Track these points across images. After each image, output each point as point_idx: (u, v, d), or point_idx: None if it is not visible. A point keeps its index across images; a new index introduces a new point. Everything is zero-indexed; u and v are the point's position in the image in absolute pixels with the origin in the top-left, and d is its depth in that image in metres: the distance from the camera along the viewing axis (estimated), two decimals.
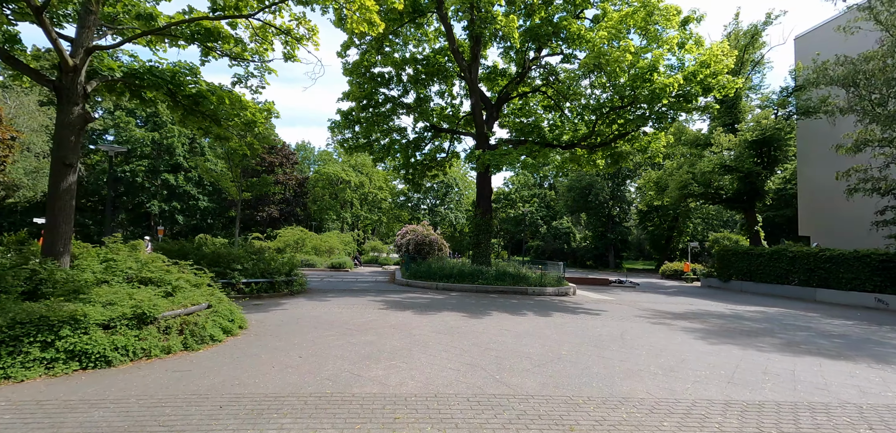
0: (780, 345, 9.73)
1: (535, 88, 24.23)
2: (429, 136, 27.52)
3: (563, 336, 9.29)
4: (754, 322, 13.27)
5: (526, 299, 16.11)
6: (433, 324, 9.96)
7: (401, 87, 24.11)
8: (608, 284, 26.76)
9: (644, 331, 10.39)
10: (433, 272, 19.24)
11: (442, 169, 29.06)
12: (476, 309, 12.83)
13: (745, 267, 26.34)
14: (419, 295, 15.97)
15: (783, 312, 16.30)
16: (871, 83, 16.84)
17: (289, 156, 50.09)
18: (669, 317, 13.20)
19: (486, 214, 22.49)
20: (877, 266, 19.67)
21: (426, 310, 11.99)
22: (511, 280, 18.55)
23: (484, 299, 15.40)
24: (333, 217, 48.26)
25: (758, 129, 27.12)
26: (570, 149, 20.97)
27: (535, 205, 55.78)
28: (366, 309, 11.86)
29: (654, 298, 19.34)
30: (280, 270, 14.35)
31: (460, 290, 17.72)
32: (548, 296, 17.51)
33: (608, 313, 13.42)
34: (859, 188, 19.27)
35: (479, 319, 10.94)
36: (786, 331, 11.65)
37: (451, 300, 14.68)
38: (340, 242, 34.74)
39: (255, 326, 9.00)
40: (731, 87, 16.69)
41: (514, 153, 18.38)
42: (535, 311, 12.92)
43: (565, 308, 14.20)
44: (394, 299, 14.33)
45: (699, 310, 15.50)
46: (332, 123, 23.65)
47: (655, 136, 21.05)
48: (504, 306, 13.77)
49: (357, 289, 17.02)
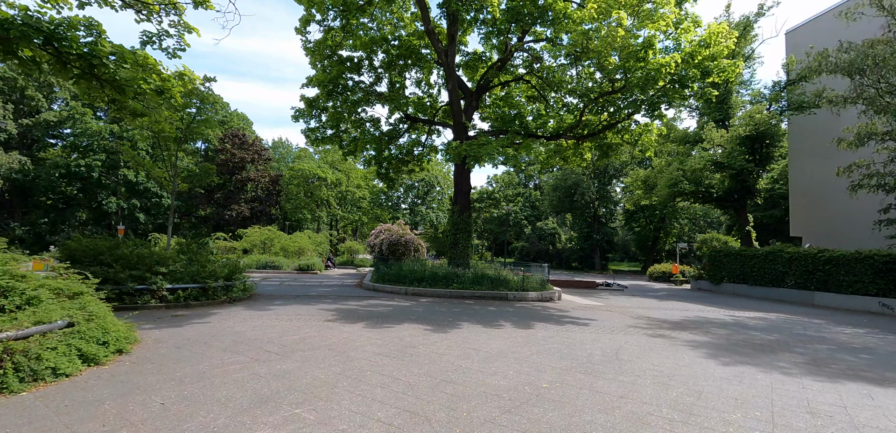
0: (805, 364, 8.02)
1: (519, 77, 22.43)
2: (404, 127, 25.55)
3: (545, 358, 7.40)
4: (762, 332, 11.62)
5: (505, 306, 14.24)
6: (383, 341, 7.98)
7: (373, 73, 22.09)
8: (595, 287, 25.11)
9: (643, 349, 8.57)
10: (403, 275, 17.25)
11: (419, 164, 27.08)
12: (444, 319, 10.89)
13: (737, 269, 24.96)
14: (383, 301, 13.97)
15: (786, 319, 14.78)
16: (880, 69, 15.44)
17: (261, 152, 47.54)
18: (668, 328, 11.46)
19: (465, 212, 20.61)
20: (880, 268, 18.34)
21: (382, 323, 10.00)
22: (490, 284, 16.67)
23: (457, 306, 13.47)
24: (308, 216, 45.83)
25: (751, 124, 25.82)
26: (555, 139, 19.22)
27: (520, 204, 54.18)
28: (308, 321, 9.81)
29: (645, 303, 17.68)
30: (216, 274, 12.20)
31: (432, 296, 15.77)
32: (530, 303, 15.68)
33: (598, 323, 11.62)
34: (863, 184, 17.93)
35: (443, 334, 8.99)
36: (802, 345, 9.99)
37: (417, 308, 12.71)
38: (312, 243, 32.49)
39: (144, 348, 6.91)
40: (732, 72, 15.12)
41: (494, 144, 16.53)
42: (514, 322, 11.03)
43: (549, 316, 12.36)
44: (349, 307, 12.30)
45: (697, 318, 13.83)
46: (296, 111, 21.50)
47: (647, 128, 19.46)
48: (478, 315, 11.86)
49: (313, 295, 14.93)
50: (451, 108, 20.41)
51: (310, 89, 20.87)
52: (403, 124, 25.12)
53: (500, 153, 16.31)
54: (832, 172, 27.49)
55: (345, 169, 49.60)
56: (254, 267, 26.69)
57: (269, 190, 47.17)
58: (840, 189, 27.06)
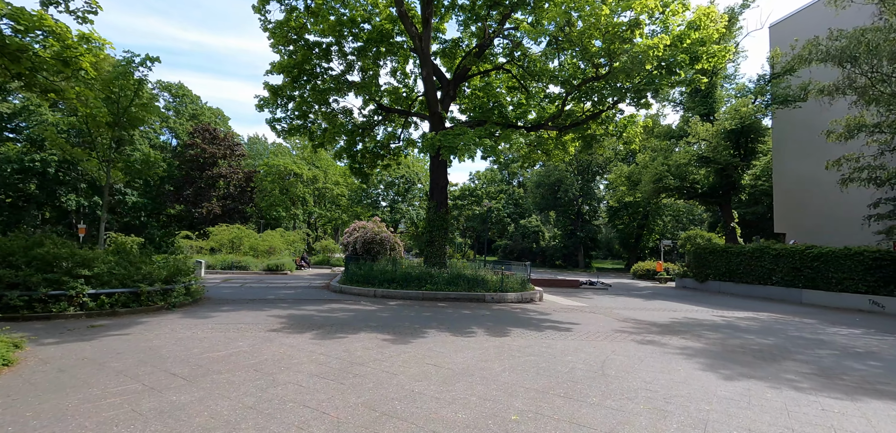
0: (814, 375, 7.02)
1: (499, 66, 21.28)
2: (379, 119, 24.19)
3: (518, 376, 6.22)
4: (756, 335, 10.69)
5: (481, 309, 13.06)
6: (327, 358, 6.70)
7: (343, 61, 20.66)
8: (578, 286, 24.17)
9: (632, 360, 7.47)
10: (372, 276, 15.94)
11: (395, 158, 25.79)
12: (410, 326, 9.65)
13: (723, 266, 24.29)
14: (347, 305, 12.64)
15: (778, 319, 13.96)
16: (873, 56, 14.72)
17: (233, 147, 45.49)
18: (657, 332, 10.42)
19: (441, 208, 19.39)
20: (870, 265, 17.74)
21: (335, 332, 8.70)
22: (466, 285, 15.48)
23: (428, 310, 12.24)
24: (284, 214, 43.98)
25: (736, 118, 25.18)
26: (536, 130, 18.13)
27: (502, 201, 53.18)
28: (247, 332, 8.45)
29: (630, 303, 16.72)
30: (152, 277, 10.71)
31: (402, 299, 14.50)
32: (509, 305, 14.54)
33: (581, 328, 10.51)
34: (854, 178, 17.27)
35: (403, 345, 7.75)
36: (803, 350, 9.05)
37: (382, 313, 11.43)
38: (284, 242, 30.85)
39: (17, 371, 5.49)
40: (722, 58, 14.22)
41: (470, 134, 15.34)
42: (489, 328, 9.85)
43: (528, 321, 11.22)
44: (305, 313, 10.95)
45: (687, 320, 12.88)
46: (260, 100, 19.94)
47: (632, 119, 18.52)
48: (450, 321, 10.64)
49: (270, 299, 13.51)
50: (426, 97, 19.15)
51: (274, 76, 19.38)
52: (378, 116, 23.77)
53: (477, 144, 15.13)
54: (817, 168, 27.10)
55: (323, 165, 47.85)
56: (219, 267, 25.02)
57: (243, 187, 45.16)
58: (825, 185, 26.66)
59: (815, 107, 26.39)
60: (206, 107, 54.32)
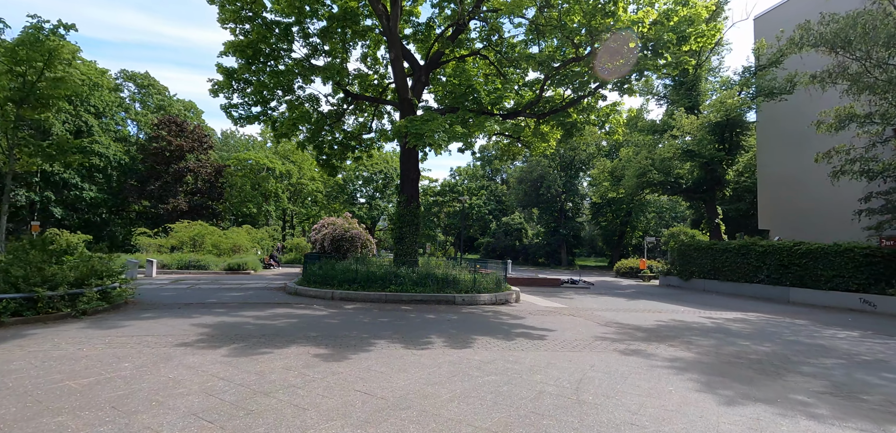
0: (828, 394, 5.86)
1: (475, 52, 19.91)
2: (349, 108, 22.65)
3: (469, 406, 4.87)
4: (751, 341, 9.58)
5: (449, 312, 11.71)
6: (226, 385, 5.25)
7: (308, 44, 19.08)
8: (559, 285, 23.03)
9: (613, 378, 6.19)
10: (332, 276, 14.45)
11: (368, 150, 24.27)
12: (357, 336, 8.24)
13: (708, 264, 23.43)
14: (295, 310, 11.15)
15: (768, 320, 12.98)
16: (869, 40, 13.80)
17: (202, 139, 43.23)
18: (642, 339, 9.21)
19: (412, 202, 17.98)
20: (860, 261, 16.95)
21: (259, 347, 7.23)
22: (435, 285, 14.11)
23: (387, 315, 10.83)
24: (255, 211, 41.96)
25: (721, 110, 24.33)
26: (513, 117, 16.85)
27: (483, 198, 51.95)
28: (149, 347, 6.93)
29: (613, 304, 15.59)
30: (55, 280, 9.06)
31: (362, 301, 13.06)
32: (481, 307, 13.23)
33: (557, 335, 9.23)
34: (846, 170, 16.43)
35: (336, 364, 6.34)
36: (805, 359, 7.94)
37: (331, 320, 9.98)
38: (250, 239, 29.06)
39: None
40: (711, 38, 13.12)
41: (440, 120, 13.96)
42: (450, 337, 8.49)
43: (498, 327, 9.90)
44: (238, 321, 9.44)
45: (674, 323, 11.74)
46: (214, 84, 18.20)
47: (615, 107, 17.37)
48: (407, 328, 9.26)
49: (210, 303, 11.93)
50: (395, 82, 17.70)
51: (228, 58, 17.66)
52: (347, 104, 22.24)
53: (448, 131, 13.76)
54: (802, 164, 26.48)
55: (298, 160, 45.90)
56: (175, 267, 23.16)
57: (212, 182, 42.96)
58: (810, 180, 26.05)
59: (801, 101, 25.76)
60: (176, 99, 51.80)
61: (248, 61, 17.03)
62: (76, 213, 40.57)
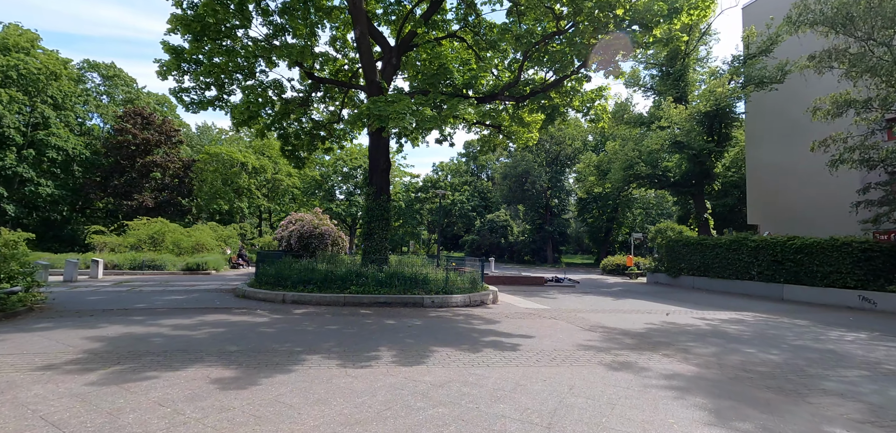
0: (869, 423, 4.58)
1: (451, 34, 18.46)
2: (317, 95, 21.05)
3: None
4: (754, 347, 8.33)
5: (413, 317, 10.25)
6: (58, 428, 3.71)
7: (268, 22, 17.42)
8: (543, 284, 21.74)
9: (599, 405, 4.80)
10: (286, 277, 12.86)
11: (338, 141, 22.68)
12: (287, 350, 6.73)
13: (697, 260, 22.38)
14: (229, 317, 9.58)
15: (766, 320, 11.81)
16: (874, 18, 12.70)
17: (170, 133, 40.98)
18: (631, 346, 7.87)
19: (381, 194, 16.49)
20: (859, 257, 15.95)
21: (147, 369, 5.68)
22: (402, 286, 12.63)
23: (337, 322, 9.33)
24: (225, 207, 39.90)
25: (711, 100, 23.28)
26: (489, 100, 15.45)
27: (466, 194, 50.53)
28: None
29: (599, 304, 14.30)
30: None
31: (316, 305, 11.52)
32: (452, 309, 11.80)
33: (533, 344, 7.84)
34: (845, 159, 15.39)
35: (242, 391, 4.83)
36: (824, 372, 6.69)
37: (266, 328, 8.45)
38: (216, 237, 27.19)
39: None
40: (705, 10, 11.85)
41: (407, 101, 12.46)
42: (404, 350, 7.03)
43: (466, 335, 8.47)
44: (150, 332, 7.85)
45: (665, 326, 10.46)
46: (161, 65, 16.40)
47: (601, 92, 16.08)
48: (355, 338, 7.78)
49: (135, 309, 10.28)
50: (361, 62, 16.16)
51: (175, 36, 15.89)
52: (316, 90, 20.65)
53: (415, 114, 12.28)
54: (792, 157, 25.62)
55: (274, 155, 43.85)
56: (127, 267, 21.28)
57: (181, 177, 40.76)
58: (800, 174, 25.19)
59: (791, 92, 24.88)
60: (145, 92, 49.28)
61: (196, 38, 15.28)
62: (36, 212, 38.05)
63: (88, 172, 39.76)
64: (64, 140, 37.37)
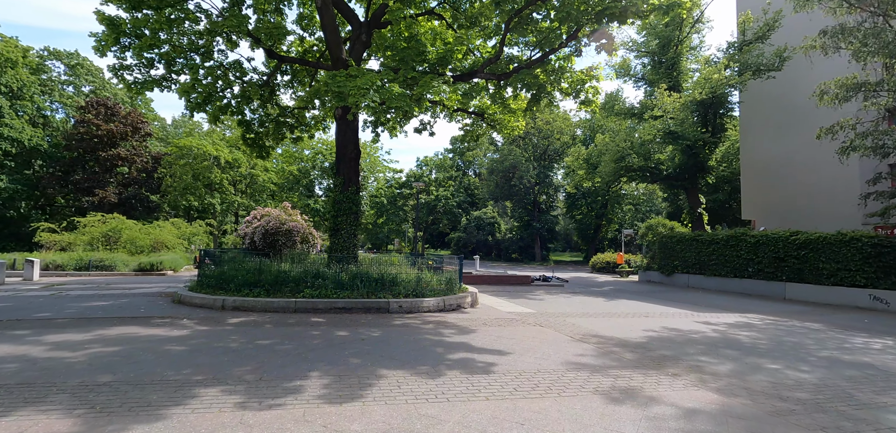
0: None
1: (428, 11, 16.80)
2: (283, 78, 19.30)
3: None
4: (780, 361, 6.87)
5: (373, 325, 8.61)
6: None
7: None
8: (529, 283, 20.25)
9: None
10: (230, 278, 11.11)
11: (308, 130, 20.95)
12: (187, 379, 5.05)
13: (693, 257, 21.08)
14: (139, 330, 7.84)
15: (776, 324, 10.38)
16: None
17: (137, 125, 38.65)
18: (632, 365, 6.33)
19: (349, 185, 14.81)
20: (869, 253, 14.69)
21: None
22: (365, 288, 10.98)
23: (279, 332, 7.65)
24: (195, 203, 37.72)
25: (706, 87, 21.99)
26: (468, 79, 13.84)
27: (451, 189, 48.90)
28: None
29: (589, 306, 12.82)
30: None
31: (261, 311, 9.81)
32: (422, 315, 10.18)
33: (511, 363, 6.26)
34: (857, 146, 14.11)
35: None
36: (877, 399, 5.22)
37: (174, 348, 6.75)
38: (178, 235, 25.19)
39: None
40: None
41: (371, 76, 10.79)
42: (340, 375, 5.38)
43: (430, 351, 6.86)
44: (21, 352, 6.10)
45: (668, 333, 8.98)
46: (97, 39, 14.45)
47: (591, 73, 14.59)
48: (286, 359, 6.11)
49: (35, 319, 8.47)
50: (325, 37, 14.45)
51: (111, 7, 13.96)
52: (282, 74, 18.92)
53: (379, 90, 10.61)
54: (789, 148, 24.49)
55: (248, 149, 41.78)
56: (71, 268, 19.27)
57: (150, 171, 38.47)
58: (798, 166, 24.07)
59: (788, 82, 23.72)
60: (112, 83, 46.67)
61: (133, 6, 13.38)
62: None
63: (50, 166, 37.29)
64: (19, 131, 34.87)
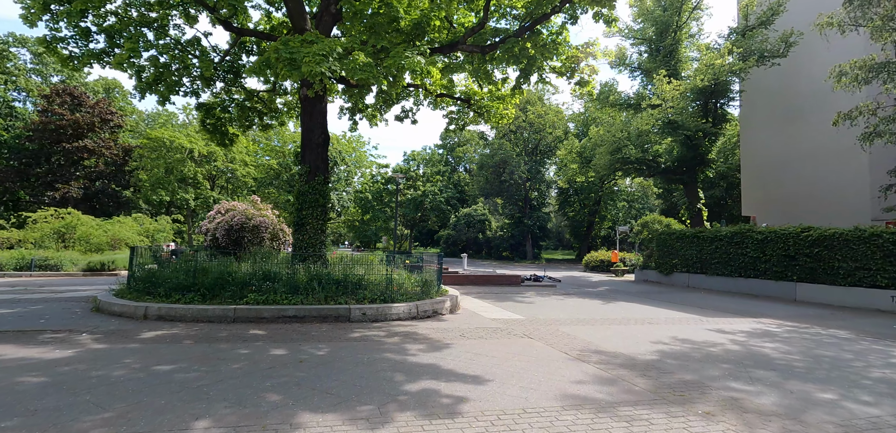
0: None
1: None
2: (252, 59, 17.53)
3: None
4: (832, 389, 5.34)
5: (325, 341, 6.96)
6: None
7: None
8: (519, 283, 18.70)
9: None
10: (160, 282, 9.38)
11: (278, 117, 19.19)
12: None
13: (693, 255, 19.68)
14: (23, 350, 6.12)
15: (797, 330, 8.87)
16: None
17: (107, 117, 36.43)
18: (649, 401, 4.74)
19: (316, 174, 13.16)
20: (890, 250, 13.35)
21: None
22: (324, 293, 9.31)
23: (195, 351, 5.96)
24: (166, 198, 35.67)
25: (708, 74, 20.58)
26: (447, 52, 12.24)
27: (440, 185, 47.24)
28: None
29: (585, 310, 11.28)
30: None
31: (192, 321, 8.10)
32: (389, 324, 8.54)
33: (486, 400, 4.63)
34: (882, 132, 12.71)
35: None
36: None
37: (39, 379, 5.04)
38: (140, 232, 23.26)
39: None
40: None
41: (330, 42, 9.13)
42: (245, 421, 3.72)
43: (385, 380, 5.21)
44: None
45: (681, 347, 7.45)
46: (25, 6, 12.59)
47: (587, 48, 13.04)
48: (180, 398, 4.42)
49: None
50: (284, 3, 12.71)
51: None
52: (249, 53, 17.19)
53: (339, 58, 8.95)
54: (792, 141, 23.15)
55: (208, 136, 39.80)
56: (11, 268, 17.34)
57: (119, 165, 36.30)
58: (801, 160, 22.77)
59: (792, 70, 22.38)
60: (86, 74, 44.30)
61: None
62: None
63: (10, 159, 34.99)
64: None
